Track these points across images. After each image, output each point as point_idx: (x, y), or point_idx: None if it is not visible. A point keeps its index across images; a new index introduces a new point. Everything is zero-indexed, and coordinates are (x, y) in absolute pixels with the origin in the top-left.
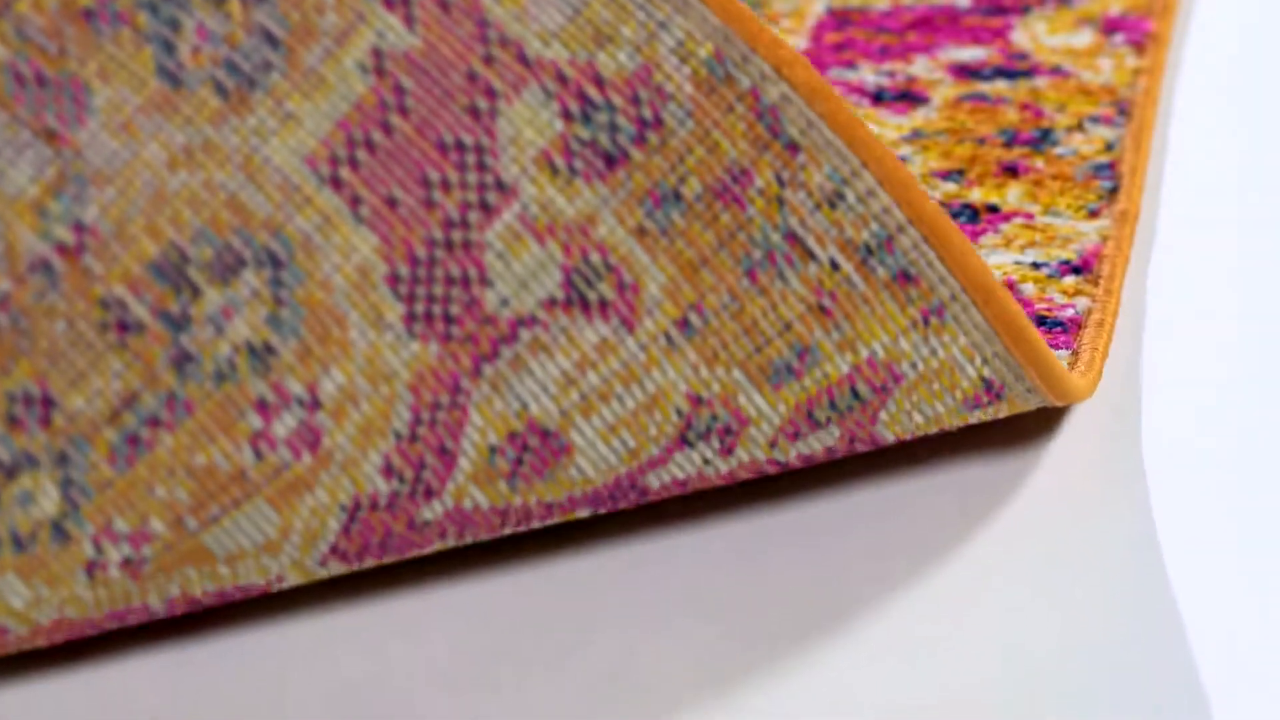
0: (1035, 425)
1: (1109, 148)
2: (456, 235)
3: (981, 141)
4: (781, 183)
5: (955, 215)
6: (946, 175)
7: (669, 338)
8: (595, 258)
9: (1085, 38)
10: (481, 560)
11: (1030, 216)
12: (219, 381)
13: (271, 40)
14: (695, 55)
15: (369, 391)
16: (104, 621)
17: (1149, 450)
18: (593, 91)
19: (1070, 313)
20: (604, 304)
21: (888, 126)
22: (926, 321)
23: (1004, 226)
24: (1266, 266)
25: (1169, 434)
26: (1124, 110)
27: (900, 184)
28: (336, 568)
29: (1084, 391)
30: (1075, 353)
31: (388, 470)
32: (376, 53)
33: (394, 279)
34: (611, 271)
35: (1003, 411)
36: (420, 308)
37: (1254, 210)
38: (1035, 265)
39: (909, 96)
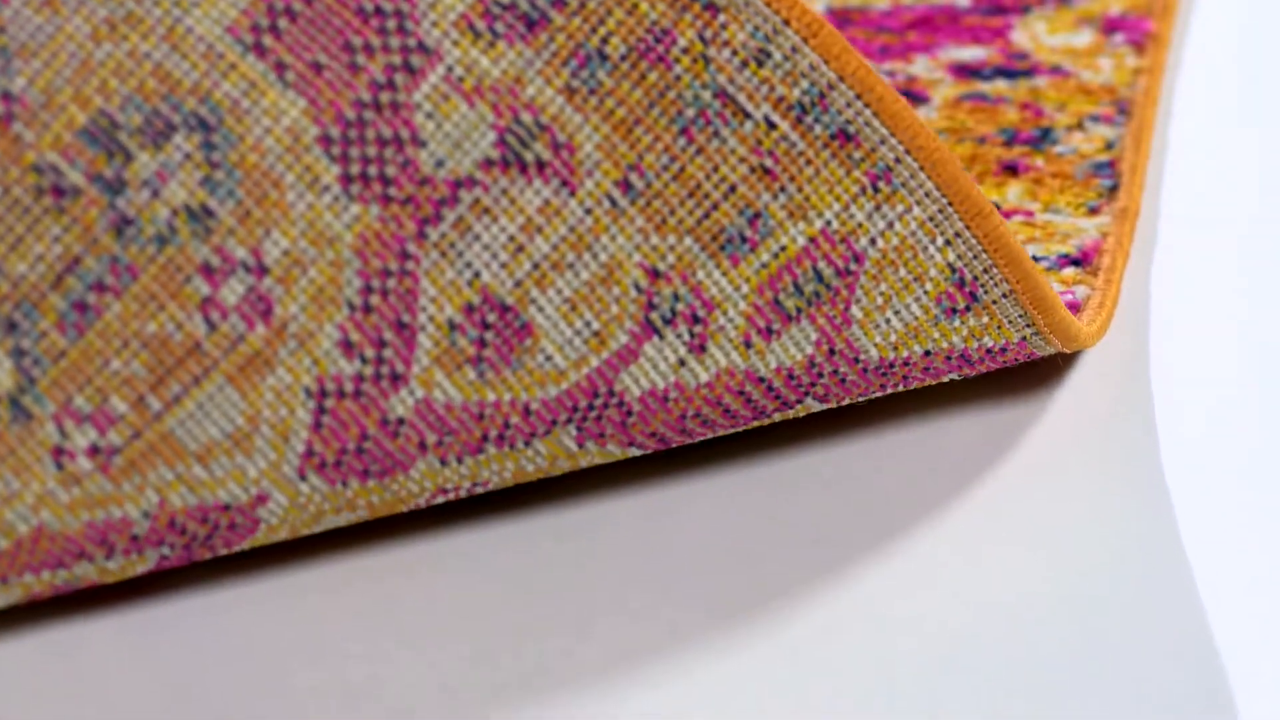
0: (1039, 376)
1: (1109, 146)
2: (384, 97)
3: (982, 141)
4: (705, 41)
5: None
6: None
7: (612, 200)
8: (526, 117)
9: (1085, 37)
10: (490, 531)
11: (1030, 214)
12: (160, 245)
13: None
14: None
15: (315, 256)
16: (85, 539)
17: (1157, 398)
18: None
19: (1069, 298)
20: (541, 164)
21: None
22: (875, 188)
23: None
24: (1267, 265)
25: (1176, 391)
26: (1124, 109)
27: (824, 40)
28: (319, 485)
29: (1077, 325)
30: None
31: (346, 345)
32: None
33: (325, 140)
34: (544, 131)
35: (989, 336)
36: (355, 169)
37: (1255, 209)
38: (1035, 259)
39: (909, 96)
